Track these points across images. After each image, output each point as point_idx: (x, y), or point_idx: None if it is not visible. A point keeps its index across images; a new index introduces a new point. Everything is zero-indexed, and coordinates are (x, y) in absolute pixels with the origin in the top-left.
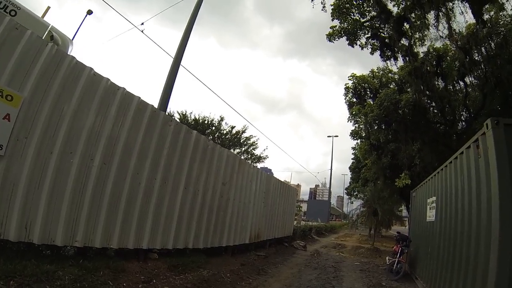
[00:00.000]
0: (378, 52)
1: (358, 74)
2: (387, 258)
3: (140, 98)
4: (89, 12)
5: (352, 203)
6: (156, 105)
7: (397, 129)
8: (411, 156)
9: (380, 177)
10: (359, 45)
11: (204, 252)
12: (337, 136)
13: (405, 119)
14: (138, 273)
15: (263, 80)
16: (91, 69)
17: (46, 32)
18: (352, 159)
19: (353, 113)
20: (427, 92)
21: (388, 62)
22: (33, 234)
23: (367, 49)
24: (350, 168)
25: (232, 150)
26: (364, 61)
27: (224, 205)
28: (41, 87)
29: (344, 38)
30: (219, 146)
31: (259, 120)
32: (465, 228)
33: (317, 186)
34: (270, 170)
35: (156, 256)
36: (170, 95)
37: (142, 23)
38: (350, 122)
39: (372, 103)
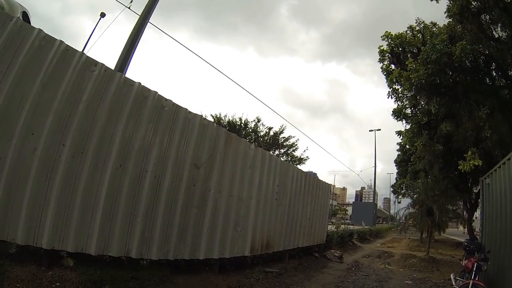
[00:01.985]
0: None
1: (393, 33)
2: (452, 276)
3: (41, 30)
4: (102, 15)
5: (400, 202)
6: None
7: (454, 93)
8: (477, 127)
9: (434, 164)
10: None
11: (173, 266)
12: (379, 129)
13: (464, 78)
14: (21, 282)
15: (304, 85)
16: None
17: None
18: (397, 150)
19: (393, 80)
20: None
21: None
22: None
23: None
24: (395, 161)
25: (271, 152)
26: None
27: (199, 198)
28: None
29: None
30: (186, 109)
31: (303, 126)
32: None
33: (363, 188)
34: (316, 174)
35: (71, 263)
36: (131, 56)
37: (131, 1)
38: (391, 98)
39: (414, 64)
